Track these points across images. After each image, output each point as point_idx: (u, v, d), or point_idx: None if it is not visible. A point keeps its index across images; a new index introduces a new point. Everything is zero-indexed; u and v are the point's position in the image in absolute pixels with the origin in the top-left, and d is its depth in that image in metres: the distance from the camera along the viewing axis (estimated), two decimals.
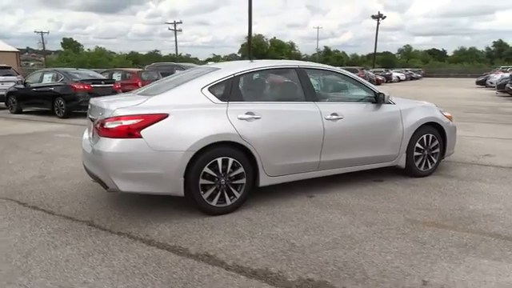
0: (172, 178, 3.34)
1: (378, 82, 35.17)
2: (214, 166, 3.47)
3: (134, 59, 61.84)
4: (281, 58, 59.77)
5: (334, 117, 4.04)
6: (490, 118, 10.69)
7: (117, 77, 13.36)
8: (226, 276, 2.57)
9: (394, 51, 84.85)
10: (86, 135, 4.16)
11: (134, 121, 3.25)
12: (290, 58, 67.55)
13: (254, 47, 66.98)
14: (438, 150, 4.88)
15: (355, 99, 4.44)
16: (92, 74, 12.54)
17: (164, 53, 74.24)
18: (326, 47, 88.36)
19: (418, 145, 4.68)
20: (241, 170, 3.60)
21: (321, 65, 4.63)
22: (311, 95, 4.05)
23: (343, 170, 4.28)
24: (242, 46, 69.18)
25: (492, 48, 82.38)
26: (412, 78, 50.00)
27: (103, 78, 12.30)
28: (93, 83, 11.20)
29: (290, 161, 3.86)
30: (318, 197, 4.12)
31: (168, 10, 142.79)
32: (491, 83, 25.55)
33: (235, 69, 3.83)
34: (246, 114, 3.62)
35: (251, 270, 2.64)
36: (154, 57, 68.94)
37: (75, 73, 11.78)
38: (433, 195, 4.17)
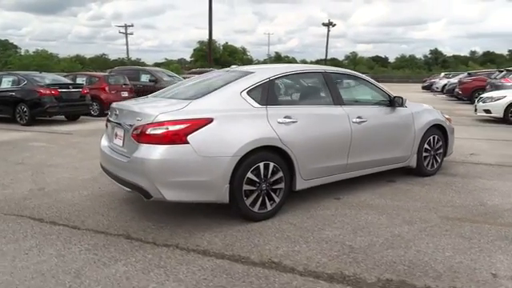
0: (218, 184, 3.23)
1: None
2: (256, 172, 3.41)
3: (80, 63, 58.91)
4: (234, 64, 59.97)
5: (359, 120, 4.13)
6: (454, 120, 11.40)
7: (81, 81, 12.62)
8: (306, 282, 2.53)
9: (339, 58, 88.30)
10: (105, 142, 3.92)
11: (181, 126, 3.11)
12: (243, 64, 67.95)
13: (206, 52, 66.63)
14: (441, 151, 5.14)
15: (374, 103, 4.56)
16: (56, 77, 11.78)
17: (112, 56, 71.51)
18: (276, 53, 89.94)
19: (426, 146, 4.91)
20: (280, 174, 3.56)
21: (342, 69, 4.73)
22: (338, 99, 4.11)
23: (365, 171, 4.38)
24: (195, 50, 68.62)
25: (429, 56, 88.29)
26: None
27: (70, 82, 11.60)
28: (60, 88, 10.51)
29: (322, 164, 3.88)
30: (345, 198, 4.17)
31: (112, 13, 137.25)
32: (437, 88, 27.34)
33: (269, 72, 3.79)
34: (285, 117, 3.59)
35: (327, 275, 2.61)
36: (101, 60, 66.21)
37: (38, 77, 11.00)
38: (448, 193, 4.38)
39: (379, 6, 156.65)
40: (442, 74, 32.91)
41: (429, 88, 31.47)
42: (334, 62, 72.71)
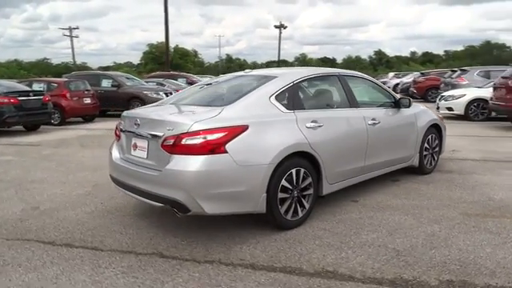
0: (256, 194, 3.11)
1: None
2: (288, 178, 3.33)
3: (19, 68, 54.93)
4: (186, 66, 58.95)
5: (373, 122, 4.18)
6: None
7: (39, 88, 11.75)
8: None
9: (289, 59, 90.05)
10: (117, 153, 3.64)
11: (219, 134, 2.95)
12: (195, 66, 67.02)
13: (156, 55, 65.00)
14: (437, 149, 5.35)
15: (382, 104, 4.64)
16: (13, 85, 10.89)
17: (55, 61, 67.31)
18: (227, 55, 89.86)
19: (426, 145, 5.07)
20: (309, 180, 3.50)
21: (352, 71, 4.77)
22: (354, 101, 4.13)
23: (378, 172, 4.44)
24: (145, 53, 66.71)
25: (374, 56, 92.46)
26: None
27: (30, 89, 10.76)
28: (19, 96, 9.72)
29: (345, 167, 3.88)
30: (362, 201, 4.20)
31: (49, 14, 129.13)
32: (389, 87, 28.64)
33: (292, 76, 3.73)
34: (312, 122, 3.54)
35: (388, 281, 2.59)
36: (42, 65, 62.26)
37: None
38: (454, 189, 4.55)
39: (323, 9, 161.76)
40: (391, 73, 34.53)
41: None
42: (285, 63, 73.86)
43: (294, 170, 3.35)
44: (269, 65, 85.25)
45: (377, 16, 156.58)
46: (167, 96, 13.97)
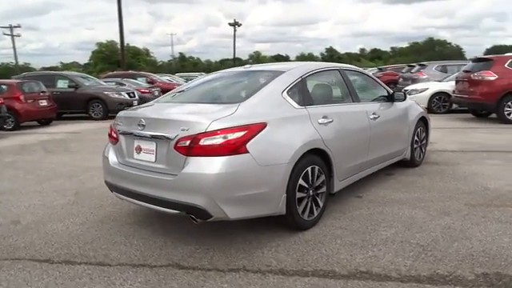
0: (277, 194, 2.95)
1: None
2: (305, 177, 3.20)
3: None
4: (138, 65, 57.00)
5: (374, 116, 4.15)
6: None
7: None
8: None
9: (241, 57, 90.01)
10: (115, 158, 3.33)
11: (239, 133, 2.75)
12: (147, 65, 64.99)
13: (107, 54, 62.44)
14: (425, 141, 5.46)
15: (379, 98, 4.62)
16: None
17: None
18: (181, 53, 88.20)
19: (416, 137, 5.15)
20: (323, 177, 3.40)
21: (351, 66, 4.71)
22: (355, 96, 4.07)
23: (377, 167, 4.43)
24: (94, 52, 63.87)
25: (325, 54, 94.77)
26: None
27: None
28: None
29: (351, 163, 3.82)
30: (366, 196, 4.17)
31: None
32: None
33: (298, 71, 3.59)
34: (323, 117, 3.44)
35: (425, 277, 2.54)
36: None
37: None
38: (448, 181, 4.65)
39: (273, 7, 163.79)
40: None
41: None
42: (240, 61, 73.64)
43: (309, 168, 3.22)
44: (223, 63, 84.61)
45: (325, 14, 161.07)
46: (130, 96, 13.40)
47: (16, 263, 2.92)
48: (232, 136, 2.73)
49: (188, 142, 2.74)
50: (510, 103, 9.12)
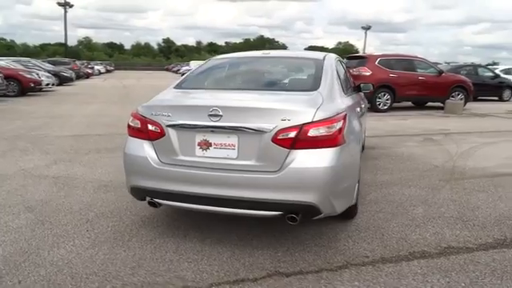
0: (354, 184, 2.92)
1: (87, 75, 33.30)
2: None
3: None
4: None
5: (359, 107, 4.39)
6: None
7: None
8: (502, 252, 2.75)
9: (61, 42, 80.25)
10: (155, 156, 2.70)
11: (340, 123, 2.58)
12: None
13: None
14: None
15: (353, 90, 4.86)
16: None
17: None
18: None
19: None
20: None
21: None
22: (347, 88, 4.22)
23: None
24: None
25: (163, 44, 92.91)
26: (108, 71, 49.86)
27: None
28: None
29: None
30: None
31: None
32: None
33: (331, 58, 3.54)
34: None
35: (500, 240, 2.91)
36: None
37: None
38: (402, 161, 5.35)
39: None
40: (198, 61, 35.80)
41: None
42: (72, 49, 65.53)
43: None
44: (44, 48, 73.78)
45: (155, 3, 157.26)
46: None
47: None
48: (338, 125, 2.55)
49: (293, 134, 2.44)
50: (379, 95, 10.85)
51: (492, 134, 7.68)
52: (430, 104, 12.68)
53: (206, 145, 2.60)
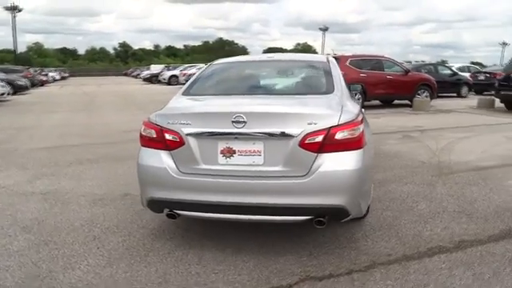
0: (371, 185, 2.95)
1: (42, 83, 31.75)
2: None
3: None
4: None
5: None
6: None
7: None
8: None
9: (10, 48, 75.75)
10: (174, 165, 2.60)
11: (361, 126, 2.61)
12: None
13: None
14: None
15: None
16: None
17: None
18: None
19: None
20: None
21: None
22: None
23: None
24: None
25: (119, 49, 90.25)
26: (63, 78, 47.85)
27: None
28: None
29: None
30: None
31: None
32: (164, 79, 29.19)
33: (334, 61, 3.58)
34: None
35: (495, 236, 3.05)
36: None
37: None
38: (390, 159, 5.47)
39: None
40: (159, 66, 35.16)
41: (149, 80, 32.95)
42: (21, 55, 62.08)
43: None
44: None
45: (107, 7, 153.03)
46: None
47: None
48: (360, 128, 2.58)
49: (320, 138, 2.43)
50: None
51: (463, 130, 8.07)
52: (396, 102, 13.15)
53: (229, 152, 2.54)
